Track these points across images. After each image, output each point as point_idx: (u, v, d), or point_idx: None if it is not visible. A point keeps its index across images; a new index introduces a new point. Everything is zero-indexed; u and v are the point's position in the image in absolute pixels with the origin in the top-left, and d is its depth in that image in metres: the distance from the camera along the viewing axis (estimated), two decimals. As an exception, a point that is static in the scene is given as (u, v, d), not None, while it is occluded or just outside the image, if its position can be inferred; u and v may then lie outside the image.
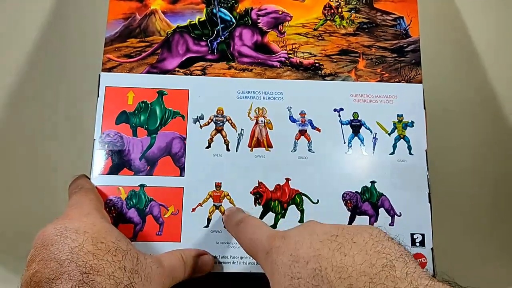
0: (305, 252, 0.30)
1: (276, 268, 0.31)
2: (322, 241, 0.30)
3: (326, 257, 0.28)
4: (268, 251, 0.32)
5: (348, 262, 0.27)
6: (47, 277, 0.30)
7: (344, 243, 0.29)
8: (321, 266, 0.28)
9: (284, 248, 0.31)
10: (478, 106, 0.54)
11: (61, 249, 0.31)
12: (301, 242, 0.31)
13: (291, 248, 0.31)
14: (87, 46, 0.53)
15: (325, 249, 0.29)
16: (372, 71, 0.45)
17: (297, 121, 0.44)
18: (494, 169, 0.53)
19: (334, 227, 0.31)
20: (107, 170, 0.41)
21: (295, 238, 0.31)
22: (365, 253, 0.28)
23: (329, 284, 0.27)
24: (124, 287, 0.31)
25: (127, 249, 0.33)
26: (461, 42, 0.55)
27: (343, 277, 0.27)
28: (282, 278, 0.30)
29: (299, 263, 0.29)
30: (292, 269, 0.30)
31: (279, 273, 0.30)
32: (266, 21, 0.46)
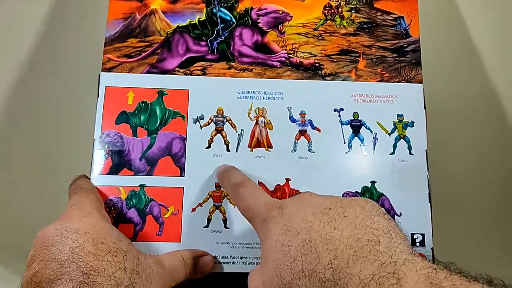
0: (298, 224, 0.31)
1: (269, 235, 0.32)
2: (315, 214, 0.31)
3: (316, 230, 0.30)
4: (265, 219, 0.34)
5: (336, 235, 0.29)
6: (47, 277, 0.30)
7: (335, 216, 0.30)
8: (311, 237, 0.30)
9: (279, 218, 0.32)
10: (478, 106, 0.54)
11: (61, 250, 0.31)
12: (295, 214, 0.32)
13: (286, 218, 0.32)
14: (87, 46, 0.53)
15: (317, 222, 0.30)
16: (372, 71, 0.45)
17: (297, 121, 0.44)
18: (494, 169, 0.53)
19: (328, 200, 0.32)
20: (107, 170, 0.41)
21: (290, 209, 0.33)
22: (354, 227, 0.29)
23: (316, 254, 0.29)
24: (124, 287, 0.31)
25: (127, 249, 0.33)
26: (461, 42, 0.55)
27: (330, 249, 0.28)
28: (274, 244, 0.31)
29: (291, 232, 0.31)
30: (284, 237, 0.31)
31: (271, 239, 0.32)
32: (266, 21, 0.46)
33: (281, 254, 0.31)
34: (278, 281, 0.30)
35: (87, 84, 0.45)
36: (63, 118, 0.52)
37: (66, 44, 0.53)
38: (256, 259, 0.41)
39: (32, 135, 0.52)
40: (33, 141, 0.52)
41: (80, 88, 0.52)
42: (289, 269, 0.30)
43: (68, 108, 0.52)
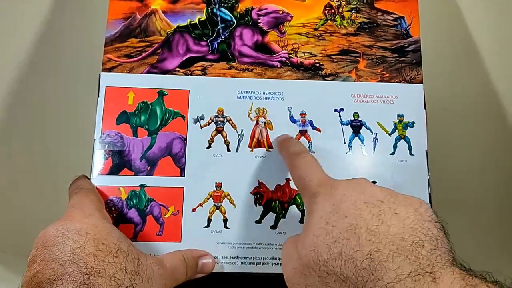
0: (347, 207, 0.31)
1: (315, 209, 0.32)
2: (366, 203, 0.31)
3: (364, 219, 0.30)
4: (315, 193, 0.34)
5: (382, 230, 0.29)
6: (48, 277, 0.30)
7: (386, 211, 0.30)
8: (357, 224, 0.29)
9: (330, 197, 0.32)
10: (479, 106, 0.54)
11: (62, 250, 0.31)
12: (347, 197, 0.32)
13: (337, 199, 0.32)
14: (87, 46, 0.53)
15: (366, 211, 0.30)
16: (372, 71, 0.45)
17: (298, 121, 0.44)
18: (495, 169, 0.53)
19: (382, 192, 0.31)
20: (108, 170, 0.41)
21: (343, 191, 0.32)
22: (402, 227, 0.29)
23: (358, 242, 0.29)
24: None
25: (128, 250, 0.33)
26: (462, 42, 0.55)
27: (373, 241, 0.28)
28: (318, 220, 0.31)
29: (338, 213, 0.31)
30: (330, 217, 0.31)
31: (317, 215, 0.32)
32: (267, 21, 0.46)
33: (323, 231, 0.31)
34: (313, 256, 0.30)
35: (88, 84, 0.45)
36: (64, 118, 0.52)
37: (66, 44, 0.53)
38: (256, 259, 0.41)
39: (32, 135, 0.52)
40: (33, 141, 0.52)
41: (81, 88, 0.52)
42: (327, 248, 0.30)
43: (68, 108, 0.52)
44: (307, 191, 0.35)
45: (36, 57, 0.53)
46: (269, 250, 0.41)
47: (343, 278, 0.28)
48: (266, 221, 0.42)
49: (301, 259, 0.32)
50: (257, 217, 0.42)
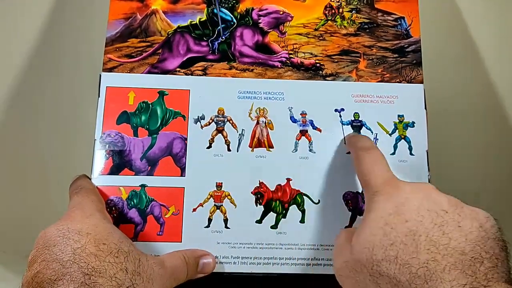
0: (409, 212, 0.31)
1: (376, 208, 0.32)
2: (430, 211, 0.30)
3: (425, 227, 0.29)
4: (378, 191, 0.33)
5: (442, 241, 0.28)
6: (49, 278, 0.30)
7: (449, 222, 0.29)
8: (417, 231, 0.29)
9: (393, 198, 0.32)
10: (479, 106, 0.54)
11: (63, 250, 0.31)
12: (410, 201, 0.31)
13: (399, 201, 0.32)
14: (87, 46, 0.53)
15: (428, 220, 0.30)
16: (373, 71, 0.45)
17: (298, 121, 0.44)
18: (495, 169, 0.53)
19: (448, 202, 0.31)
20: (108, 170, 0.41)
21: (407, 194, 0.32)
22: (463, 240, 0.28)
23: (416, 249, 0.29)
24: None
25: (129, 250, 0.33)
26: (462, 42, 0.55)
27: (431, 250, 0.28)
28: (378, 219, 0.31)
29: (399, 216, 0.31)
30: (390, 218, 0.31)
31: (376, 213, 0.32)
32: (267, 21, 0.46)
33: (381, 231, 0.31)
34: (367, 254, 0.31)
35: (88, 84, 0.45)
36: (64, 118, 0.52)
37: (67, 45, 0.53)
38: (257, 259, 0.41)
39: (33, 135, 0.52)
40: (34, 141, 0.52)
41: (81, 88, 0.52)
42: (383, 249, 0.30)
43: (69, 108, 0.52)
44: (369, 188, 0.35)
45: (37, 57, 0.53)
46: (270, 250, 0.41)
47: (395, 282, 0.28)
48: (266, 221, 0.42)
49: (353, 254, 0.32)
50: (258, 217, 0.42)
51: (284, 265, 0.41)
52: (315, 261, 0.41)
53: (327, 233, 0.42)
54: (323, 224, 0.42)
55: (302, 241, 0.41)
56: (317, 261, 0.41)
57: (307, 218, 0.42)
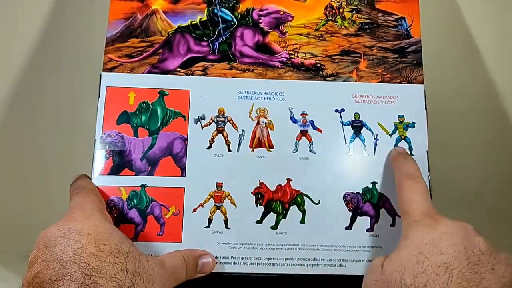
0: (446, 247, 0.32)
1: (412, 237, 0.34)
2: (466, 249, 0.32)
3: (460, 262, 0.31)
4: (417, 221, 0.35)
5: (474, 280, 0.30)
6: (49, 278, 0.30)
7: (484, 263, 0.31)
8: (450, 265, 0.31)
9: (431, 230, 0.33)
10: (480, 106, 0.54)
11: (64, 250, 0.31)
12: (448, 237, 0.33)
13: (437, 235, 0.33)
14: (88, 46, 0.52)
15: (464, 257, 0.31)
16: (373, 72, 0.45)
17: (299, 121, 0.44)
18: (496, 169, 0.53)
19: (485, 245, 0.32)
20: (108, 170, 0.41)
21: (446, 229, 0.33)
22: (495, 283, 0.30)
23: (447, 280, 0.30)
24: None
25: (129, 251, 0.33)
26: (463, 42, 0.55)
27: (463, 285, 0.30)
28: (413, 247, 0.33)
29: (435, 248, 0.32)
30: (425, 248, 0.32)
31: (412, 242, 0.33)
32: (268, 21, 0.46)
33: (414, 259, 0.32)
34: (397, 277, 0.32)
35: (88, 84, 0.45)
36: (64, 118, 0.52)
37: (67, 45, 0.53)
38: (257, 260, 0.41)
39: (33, 135, 0.52)
40: (34, 141, 0.52)
41: (81, 88, 0.51)
42: (413, 275, 0.31)
43: (69, 108, 0.52)
44: (409, 216, 0.36)
45: (37, 57, 0.53)
46: (270, 250, 0.41)
47: None
48: (266, 221, 0.42)
49: (384, 275, 0.33)
50: (258, 218, 0.42)
51: (284, 266, 0.41)
52: (315, 261, 0.41)
53: (327, 233, 0.42)
54: (324, 224, 0.42)
55: (302, 241, 0.41)
56: (317, 261, 0.41)
57: (307, 219, 0.42)
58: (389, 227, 0.42)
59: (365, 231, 0.42)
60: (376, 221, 0.42)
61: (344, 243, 0.41)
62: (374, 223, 0.42)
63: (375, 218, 0.42)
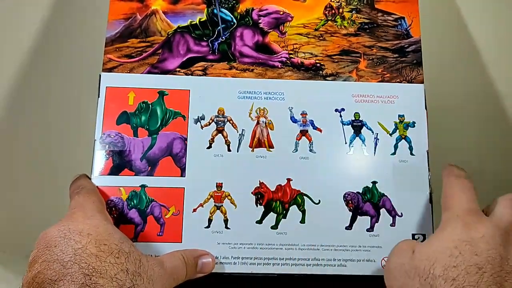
0: (482, 247, 0.32)
1: (451, 231, 0.34)
2: (502, 257, 0.32)
3: (492, 267, 0.31)
4: (459, 217, 0.34)
5: (506, 286, 0.30)
6: (49, 278, 0.30)
7: None
8: (483, 266, 0.31)
9: (471, 230, 0.33)
10: (480, 106, 0.54)
11: (64, 251, 0.31)
12: (486, 237, 0.32)
13: (476, 236, 0.33)
14: (87, 46, 0.52)
15: (497, 264, 0.31)
16: (373, 71, 0.45)
17: (298, 121, 0.44)
18: (496, 169, 0.53)
19: None
20: (108, 170, 0.41)
21: (486, 230, 0.33)
22: None
23: (478, 281, 0.30)
24: None
25: (130, 251, 0.33)
26: (462, 42, 0.55)
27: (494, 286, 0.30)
28: (449, 241, 0.33)
29: (471, 248, 0.32)
30: (462, 244, 0.32)
31: (449, 235, 0.33)
32: (267, 22, 0.46)
33: (448, 251, 0.32)
34: (426, 265, 0.32)
35: (88, 84, 0.44)
36: (64, 119, 0.52)
37: (67, 45, 0.53)
38: (257, 260, 0.41)
39: (33, 135, 0.52)
40: (34, 141, 0.52)
41: (81, 89, 0.51)
42: (444, 267, 0.31)
43: (68, 109, 0.52)
44: (451, 210, 0.36)
45: (37, 57, 0.52)
46: (270, 250, 0.41)
47: None
48: (266, 221, 0.42)
49: (413, 260, 0.33)
50: (258, 218, 0.42)
51: (284, 266, 0.41)
52: (315, 261, 0.41)
53: (327, 233, 0.42)
54: (324, 224, 0.42)
55: (302, 241, 0.41)
56: (317, 261, 0.41)
57: (307, 219, 0.42)
58: (389, 227, 0.42)
59: (365, 230, 0.42)
60: (376, 220, 0.42)
61: (344, 243, 0.41)
62: (374, 223, 0.42)
63: (376, 217, 0.42)
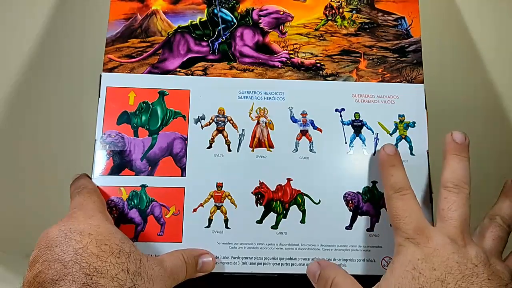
0: (438, 262, 0.33)
1: (406, 254, 0.35)
2: (459, 263, 0.33)
3: (453, 277, 0.32)
4: (409, 238, 0.35)
5: None
6: (50, 278, 0.30)
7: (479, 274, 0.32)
8: (445, 279, 0.32)
9: (423, 246, 0.34)
10: (480, 106, 0.54)
11: (65, 251, 0.31)
12: (440, 252, 0.33)
13: (429, 250, 0.34)
14: (88, 47, 0.52)
15: (457, 271, 0.32)
16: (373, 71, 0.45)
17: (299, 121, 0.44)
18: (496, 169, 0.53)
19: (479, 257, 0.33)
20: (108, 170, 0.41)
21: (437, 245, 0.34)
22: None
23: None
24: None
25: (130, 251, 0.34)
26: (462, 42, 0.55)
27: None
28: (406, 263, 0.34)
29: (428, 264, 0.33)
30: (418, 263, 0.33)
31: (405, 258, 0.34)
32: (267, 21, 0.46)
33: (409, 275, 0.33)
34: None
35: (88, 84, 0.45)
36: (64, 119, 0.52)
37: (67, 45, 0.53)
38: (257, 259, 0.41)
39: (33, 135, 0.52)
40: (34, 141, 0.52)
41: (81, 89, 0.51)
42: None
43: (69, 109, 0.52)
44: (401, 232, 0.36)
45: (37, 58, 0.53)
46: (270, 250, 0.41)
47: None
48: (267, 221, 0.42)
49: None
50: (258, 217, 0.42)
51: (284, 265, 0.41)
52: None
53: (327, 233, 0.42)
54: (324, 224, 0.42)
55: (302, 241, 0.41)
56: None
57: (307, 218, 0.42)
58: (389, 227, 0.42)
59: (366, 230, 0.42)
60: (376, 220, 0.42)
61: (345, 243, 0.41)
62: (374, 223, 0.42)
63: (376, 217, 0.42)
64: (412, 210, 0.37)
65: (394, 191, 0.38)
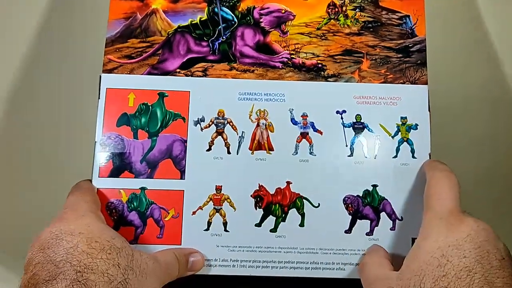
0: (469, 249, 0.31)
1: (435, 236, 0.33)
2: (489, 253, 0.31)
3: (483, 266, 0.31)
4: (442, 218, 0.34)
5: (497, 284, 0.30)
6: (43, 278, 0.31)
7: (505, 268, 0.31)
8: (473, 268, 0.30)
9: (455, 230, 0.33)
10: (485, 108, 0.53)
11: (56, 252, 0.32)
12: (472, 238, 0.32)
13: (461, 235, 0.32)
14: (87, 47, 0.52)
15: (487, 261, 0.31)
16: (376, 72, 0.44)
17: (299, 123, 0.43)
18: (499, 173, 0.52)
19: (505, 251, 0.32)
20: (108, 172, 0.42)
21: (470, 230, 0.32)
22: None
23: (469, 284, 0.30)
24: (118, 283, 0.32)
25: (121, 246, 0.34)
26: (469, 41, 0.53)
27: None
28: (434, 248, 0.32)
29: (458, 251, 0.31)
30: (447, 250, 0.32)
31: (433, 242, 0.33)
32: (269, 20, 0.45)
33: (435, 261, 0.32)
34: (416, 281, 0.31)
35: (88, 85, 0.44)
36: (64, 120, 0.52)
37: (67, 45, 0.53)
38: (256, 263, 0.41)
39: (33, 136, 0.52)
40: (34, 142, 0.52)
41: (81, 90, 0.51)
42: (433, 279, 0.31)
43: (69, 110, 0.52)
44: (434, 211, 0.35)
45: (36, 58, 0.52)
46: (269, 253, 0.41)
47: None
48: (266, 224, 0.42)
49: (402, 280, 0.33)
50: (257, 221, 0.42)
51: (283, 269, 0.41)
52: (314, 264, 0.41)
53: (326, 237, 0.41)
54: (323, 228, 0.41)
55: (301, 244, 0.41)
56: (316, 264, 0.41)
57: (306, 222, 0.42)
58: (389, 231, 0.42)
59: (365, 234, 0.42)
60: (376, 224, 0.42)
61: (344, 247, 0.41)
62: (374, 227, 0.42)
63: (375, 221, 0.42)
64: (453, 192, 0.36)
65: (437, 170, 0.38)
